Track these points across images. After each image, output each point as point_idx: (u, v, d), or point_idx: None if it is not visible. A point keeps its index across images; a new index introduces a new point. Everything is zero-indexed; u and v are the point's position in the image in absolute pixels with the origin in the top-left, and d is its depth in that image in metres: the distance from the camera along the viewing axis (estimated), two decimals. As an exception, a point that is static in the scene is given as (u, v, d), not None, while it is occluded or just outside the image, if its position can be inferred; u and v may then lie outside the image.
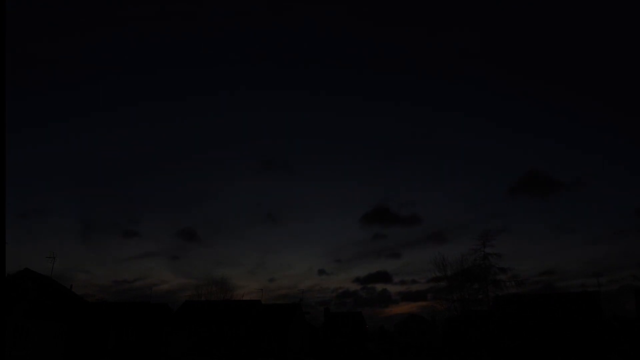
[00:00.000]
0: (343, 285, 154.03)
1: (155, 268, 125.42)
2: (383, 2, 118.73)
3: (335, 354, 57.33)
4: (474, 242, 38.74)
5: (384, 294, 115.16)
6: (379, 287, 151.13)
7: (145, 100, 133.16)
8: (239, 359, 44.84)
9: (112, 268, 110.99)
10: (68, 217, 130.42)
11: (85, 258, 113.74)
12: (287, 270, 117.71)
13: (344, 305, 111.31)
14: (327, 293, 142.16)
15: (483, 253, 37.78)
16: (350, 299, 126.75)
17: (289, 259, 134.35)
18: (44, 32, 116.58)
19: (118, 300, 59.36)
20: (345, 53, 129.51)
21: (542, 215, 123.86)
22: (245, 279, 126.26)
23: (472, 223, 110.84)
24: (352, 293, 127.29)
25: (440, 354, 51.45)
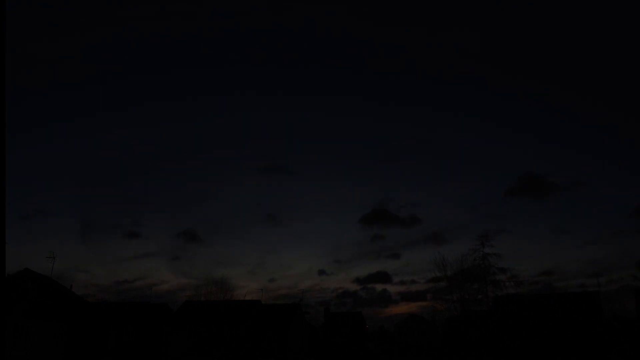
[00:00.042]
0: (343, 286, 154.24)
1: (156, 268, 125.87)
2: (383, 2, 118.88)
3: (335, 354, 57.28)
4: (473, 242, 39.01)
5: (384, 294, 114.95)
6: (379, 287, 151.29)
7: (146, 101, 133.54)
8: (239, 359, 44.83)
9: (112, 268, 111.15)
10: (68, 217, 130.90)
11: (86, 258, 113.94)
12: (287, 271, 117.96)
13: (344, 305, 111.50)
14: (327, 293, 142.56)
15: (482, 253, 37.95)
16: (350, 299, 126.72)
17: (289, 259, 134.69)
18: (44, 32, 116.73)
19: (118, 300, 59.31)
20: (345, 53, 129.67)
21: (541, 216, 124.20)
22: (245, 279, 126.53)
23: (471, 223, 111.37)
24: (352, 293, 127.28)
25: (440, 354, 51.44)
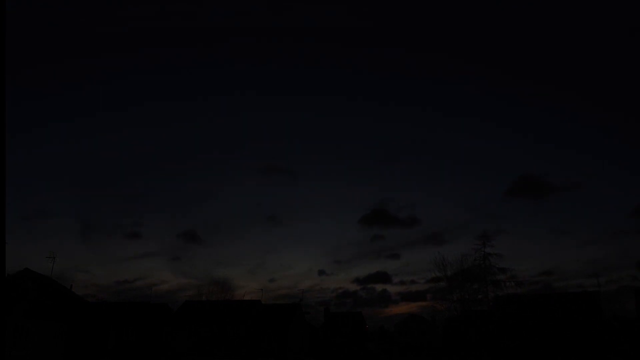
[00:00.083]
0: (343, 286, 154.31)
1: (156, 268, 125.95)
2: (383, 2, 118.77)
3: (335, 354, 57.23)
4: (473, 242, 39.04)
5: (384, 294, 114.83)
6: (379, 287, 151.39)
7: (146, 101, 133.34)
8: (239, 359, 44.85)
9: (112, 268, 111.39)
10: (68, 217, 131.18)
11: (86, 258, 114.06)
12: (287, 271, 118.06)
13: (344, 306, 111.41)
14: (327, 293, 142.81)
15: (483, 253, 37.93)
16: (350, 299, 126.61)
17: (289, 259, 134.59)
18: (44, 32, 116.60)
19: (118, 300, 59.39)
20: (345, 53, 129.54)
21: (541, 216, 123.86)
22: (246, 279, 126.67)
23: (471, 224, 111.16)
24: (351, 293, 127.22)
25: (440, 354, 51.45)
